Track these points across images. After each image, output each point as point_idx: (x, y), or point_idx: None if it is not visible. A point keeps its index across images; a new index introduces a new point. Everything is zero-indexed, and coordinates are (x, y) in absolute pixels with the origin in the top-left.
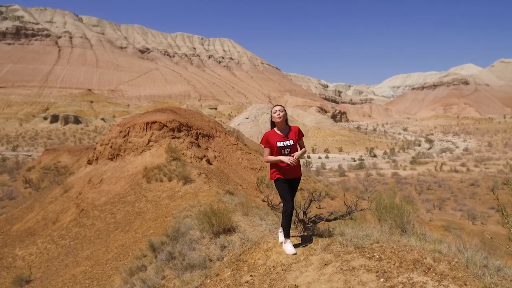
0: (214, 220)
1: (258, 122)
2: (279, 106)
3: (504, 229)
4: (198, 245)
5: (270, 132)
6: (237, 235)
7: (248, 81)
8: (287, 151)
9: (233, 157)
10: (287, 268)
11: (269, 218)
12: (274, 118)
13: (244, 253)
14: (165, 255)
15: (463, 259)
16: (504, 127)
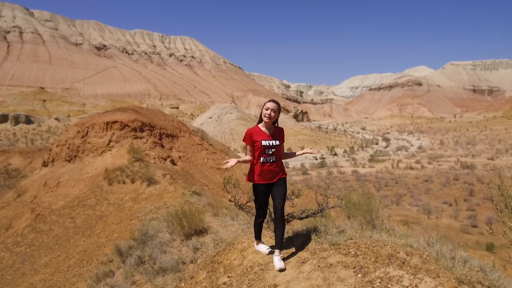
0: (185, 221)
1: (221, 121)
2: (273, 103)
3: (456, 222)
4: (169, 248)
5: (255, 129)
6: (210, 236)
7: (211, 80)
8: (271, 151)
9: (199, 157)
10: (264, 268)
11: (240, 218)
12: (263, 115)
13: (219, 254)
14: (134, 260)
15: (433, 252)
16: (454, 126)
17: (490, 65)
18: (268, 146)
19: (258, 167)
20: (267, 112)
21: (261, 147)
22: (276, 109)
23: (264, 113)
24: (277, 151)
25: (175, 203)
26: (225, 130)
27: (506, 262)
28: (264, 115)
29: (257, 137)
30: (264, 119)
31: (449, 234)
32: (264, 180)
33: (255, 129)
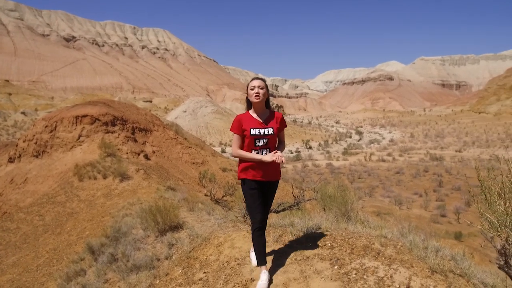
0: (160, 217)
1: (196, 115)
2: (257, 80)
3: (426, 212)
4: (142, 245)
5: (244, 115)
6: (185, 231)
7: (185, 74)
8: (263, 142)
9: (173, 151)
10: (241, 262)
11: (217, 212)
12: (250, 96)
13: (195, 250)
14: (106, 257)
15: (406, 242)
16: (424, 119)
17: (458, 61)
18: (258, 136)
19: (252, 165)
20: (254, 91)
21: (250, 136)
22: (263, 85)
23: (250, 94)
24: (271, 142)
25: (149, 199)
26: (200, 124)
27: (474, 250)
28: (251, 96)
29: (246, 124)
30: (254, 100)
31: (420, 224)
32: (259, 176)
33: (245, 115)
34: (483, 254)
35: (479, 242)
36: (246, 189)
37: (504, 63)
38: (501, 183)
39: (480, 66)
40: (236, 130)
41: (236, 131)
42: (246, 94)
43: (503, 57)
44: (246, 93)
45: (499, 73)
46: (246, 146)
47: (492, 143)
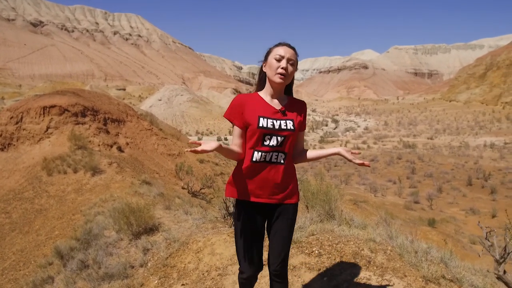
0: (133, 219)
1: (172, 104)
2: (288, 48)
3: (400, 199)
4: (115, 249)
5: (249, 96)
6: (161, 234)
7: (160, 61)
8: (276, 141)
9: (148, 143)
10: (223, 272)
11: (194, 210)
12: (270, 70)
13: (172, 256)
14: (76, 264)
15: (396, 247)
16: (397, 108)
17: (430, 50)
18: (271, 131)
19: (248, 169)
20: (279, 64)
21: (257, 131)
22: (295, 59)
23: (273, 65)
24: (289, 142)
25: (123, 194)
26: (176, 113)
27: (446, 236)
28: (274, 70)
29: (251, 110)
30: (275, 79)
31: (395, 211)
32: (257, 196)
33: (251, 96)
34: (455, 240)
35: (451, 228)
36: (234, 215)
37: (474, 52)
38: None
39: (451, 55)
40: (234, 117)
41: (233, 119)
42: (262, 65)
43: (473, 46)
44: (263, 64)
45: (469, 62)
46: (251, 143)
47: (462, 131)
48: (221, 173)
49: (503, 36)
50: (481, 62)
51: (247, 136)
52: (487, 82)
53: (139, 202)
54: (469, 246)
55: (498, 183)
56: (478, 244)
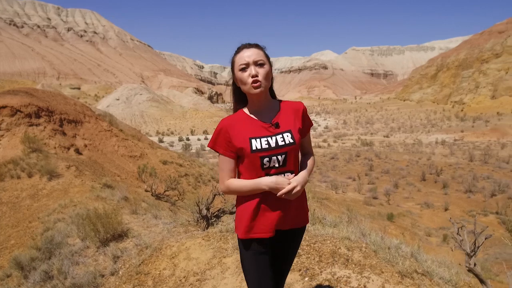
0: (100, 225)
1: (131, 103)
2: (250, 49)
3: (360, 195)
4: (82, 258)
5: (233, 118)
6: (131, 240)
7: (117, 59)
8: (278, 161)
9: (108, 144)
10: (201, 278)
11: (164, 214)
12: (242, 84)
13: (145, 263)
14: (39, 275)
15: (370, 244)
16: (355, 107)
17: (386, 51)
18: (268, 151)
19: (254, 202)
20: (247, 73)
21: (252, 156)
22: (263, 58)
23: (242, 79)
24: (292, 158)
25: (83, 199)
26: (135, 112)
27: (404, 229)
28: (246, 83)
29: (239, 134)
30: (251, 90)
31: (356, 207)
32: (268, 230)
33: (234, 118)
34: (412, 233)
35: (407, 221)
36: (249, 255)
37: (426, 54)
38: None
39: (405, 56)
40: (222, 148)
41: (221, 150)
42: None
43: (425, 48)
44: (234, 78)
45: (422, 63)
46: (248, 173)
47: (416, 128)
48: (185, 174)
49: (453, 39)
50: (432, 63)
51: (243, 164)
52: (438, 82)
53: (106, 207)
54: (425, 238)
55: (449, 178)
56: (433, 236)
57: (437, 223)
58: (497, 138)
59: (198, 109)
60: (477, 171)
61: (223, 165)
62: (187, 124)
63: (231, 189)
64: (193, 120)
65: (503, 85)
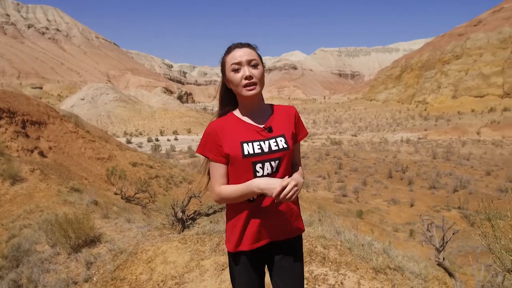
0: (71, 231)
1: (97, 103)
2: (243, 49)
3: (330, 193)
4: (52, 265)
5: (223, 121)
6: (104, 246)
7: (81, 57)
8: (271, 167)
9: (74, 147)
10: (180, 281)
11: (137, 218)
12: (234, 85)
13: (120, 268)
14: (7, 284)
15: (345, 242)
16: (324, 107)
17: (353, 52)
18: (261, 157)
19: (246, 212)
20: (240, 74)
21: (244, 161)
22: (257, 58)
23: (235, 80)
24: (285, 164)
25: (50, 204)
26: (101, 113)
27: (373, 226)
28: (239, 84)
29: (230, 138)
30: (245, 93)
31: (326, 205)
32: (258, 239)
33: (225, 120)
34: (381, 229)
35: (376, 218)
36: (240, 270)
37: (391, 55)
38: None
39: (371, 57)
40: (211, 153)
41: (211, 155)
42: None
43: (390, 49)
44: (224, 79)
45: (387, 64)
46: (239, 182)
47: (382, 127)
48: (156, 176)
49: (416, 41)
50: (397, 65)
51: (234, 171)
52: (402, 83)
53: (75, 212)
54: (393, 234)
55: (414, 174)
56: (400, 232)
57: (403, 219)
58: (458, 136)
59: (168, 109)
60: (440, 168)
61: (214, 171)
62: (156, 125)
63: (222, 196)
64: (163, 120)
65: (463, 85)
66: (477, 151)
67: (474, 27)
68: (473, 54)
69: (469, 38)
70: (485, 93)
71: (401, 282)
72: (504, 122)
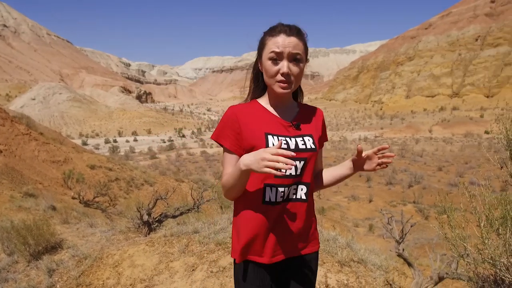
0: (31, 238)
1: (49, 103)
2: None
3: None
4: (11, 274)
5: (247, 106)
6: (67, 252)
7: (32, 55)
8: (295, 168)
9: (26, 150)
10: (149, 284)
11: (99, 222)
12: (268, 75)
13: (85, 274)
14: None
15: None
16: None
17: (312, 53)
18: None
19: (258, 216)
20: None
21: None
22: (303, 54)
23: (270, 70)
24: (310, 167)
25: (3, 211)
26: (54, 113)
27: (334, 222)
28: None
29: (253, 127)
30: (276, 88)
31: None
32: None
33: (248, 107)
34: (342, 225)
35: (337, 214)
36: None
37: (348, 56)
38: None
39: (330, 58)
40: (228, 141)
41: (227, 143)
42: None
43: (347, 51)
44: (258, 61)
45: (345, 65)
46: (253, 180)
47: (341, 126)
48: (116, 178)
49: (372, 43)
50: (354, 66)
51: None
52: (359, 83)
53: (33, 218)
54: (353, 229)
55: (372, 172)
56: (360, 227)
57: (363, 214)
58: (412, 134)
59: (126, 109)
60: (396, 165)
61: (226, 162)
62: (114, 125)
63: (225, 186)
64: (121, 120)
65: (415, 85)
66: (429, 148)
67: (425, 30)
68: (425, 56)
69: (420, 40)
70: (436, 93)
71: (365, 273)
72: (454, 121)
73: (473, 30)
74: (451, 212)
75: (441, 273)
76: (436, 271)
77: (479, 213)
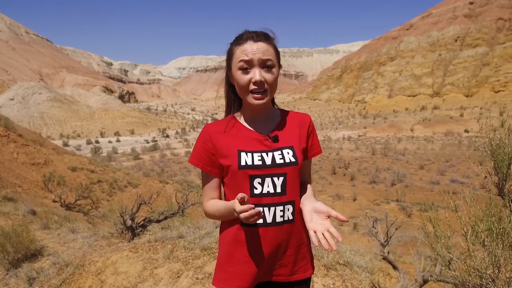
0: (9, 245)
1: (28, 104)
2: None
3: None
4: None
5: (221, 123)
6: (47, 259)
7: (10, 54)
8: (273, 186)
9: (4, 152)
10: None
11: (81, 227)
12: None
13: (66, 282)
14: None
15: None
16: None
17: (296, 53)
18: (260, 170)
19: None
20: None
21: (239, 174)
22: (275, 59)
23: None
24: (292, 182)
25: None
26: (34, 114)
27: None
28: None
29: (226, 145)
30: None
31: None
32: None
33: (222, 124)
34: None
35: None
36: None
37: (332, 56)
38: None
39: (314, 58)
40: (202, 162)
41: (200, 164)
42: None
43: (331, 51)
44: (228, 74)
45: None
46: (233, 196)
47: (325, 126)
48: (98, 181)
49: (355, 43)
50: (337, 65)
51: (229, 184)
52: (343, 83)
53: (12, 223)
54: (338, 228)
55: (356, 170)
56: (345, 226)
57: (347, 213)
58: (394, 133)
59: (108, 109)
60: (379, 163)
61: (204, 182)
62: (96, 126)
63: (209, 213)
64: (103, 121)
65: (397, 85)
66: (411, 146)
67: (406, 30)
68: (406, 56)
69: (402, 41)
70: (417, 92)
71: (350, 276)
72: (434, 120)
73: (452, 31)
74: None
75: (425, 276)
76: (421, 273)
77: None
